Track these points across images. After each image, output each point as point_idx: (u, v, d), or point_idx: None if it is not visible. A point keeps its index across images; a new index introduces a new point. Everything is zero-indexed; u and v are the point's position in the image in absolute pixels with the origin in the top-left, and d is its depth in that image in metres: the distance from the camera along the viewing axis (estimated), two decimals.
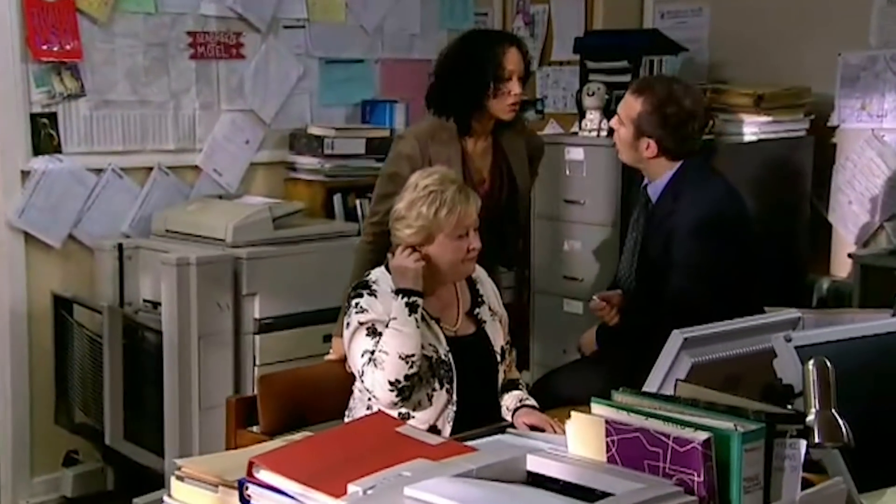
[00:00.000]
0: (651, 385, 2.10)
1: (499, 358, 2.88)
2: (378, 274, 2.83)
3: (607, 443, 1.73)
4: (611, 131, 3.62)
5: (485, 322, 2.90)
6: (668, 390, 2.06)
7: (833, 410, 1.78)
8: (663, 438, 1.67)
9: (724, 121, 4.33)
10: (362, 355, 2.69)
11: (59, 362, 3.98)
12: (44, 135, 3.96)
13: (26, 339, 3.98)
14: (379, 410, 2.59)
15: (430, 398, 2.74)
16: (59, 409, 4.00)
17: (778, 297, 3.79)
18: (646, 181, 3.30)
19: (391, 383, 2.63)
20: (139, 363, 3.84)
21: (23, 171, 3.93)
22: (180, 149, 4.30)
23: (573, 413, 1.78)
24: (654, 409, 1.77)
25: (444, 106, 3.39)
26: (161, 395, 3.75)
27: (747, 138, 4.29)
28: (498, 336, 2.90)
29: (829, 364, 1.80)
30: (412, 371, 2.65)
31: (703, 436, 1.64)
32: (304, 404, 2.92)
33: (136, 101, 4.17)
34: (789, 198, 4.45)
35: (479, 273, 2.98)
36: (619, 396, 1.88)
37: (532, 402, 2.83)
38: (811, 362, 1.81)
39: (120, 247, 4.00)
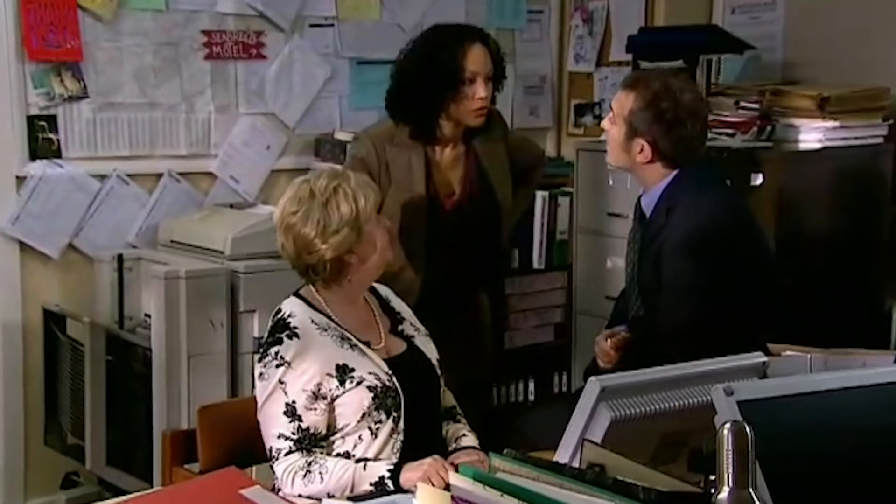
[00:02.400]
0: (566, 446, 1.72)
1: (437, 372, 2.57)
2: (293, 307, 2.50)
3: None
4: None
5: (412, 337, 2.60)
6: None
7: (751, 490, 1.38)
8: None
9: (784, 126, 3.87)
10: (278, 437, 2.37)
11: (48, 381, 3.76)
12: (42, 138, 3.76)
13: (20, 355, 3.77)
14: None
15: (374, 432, 2.41)
16: (50, 429, 3.78)
17: (847, 329, 3.35)
18: (641, 191, 2.90)
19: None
20: (128, 383, 3.59)
21: (18, 177, 3.72)
22: (193, 154, 4.05)
23: (419, 484, 1.44)
24: (521, 483, 1.40)
25: (402, 112, 3.06)
26: (150, 418, 3.50)
27: (810, 146, 3.82)
28: (430, 349, 2.59)
29: (748, 431, 1.39)
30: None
31: None
32: (250, 440, 2.58)
33: (144, 104, 3.93)
34: (863, 214, 3.95)
35: (387, 292, 2.68)
36: (497, 461, 1.52)
37: (471, 439, 2.51)
38: (726, 427, 1.41)
39: (120, 258, 3.76)
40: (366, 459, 2.37)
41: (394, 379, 2.44)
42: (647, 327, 2.81)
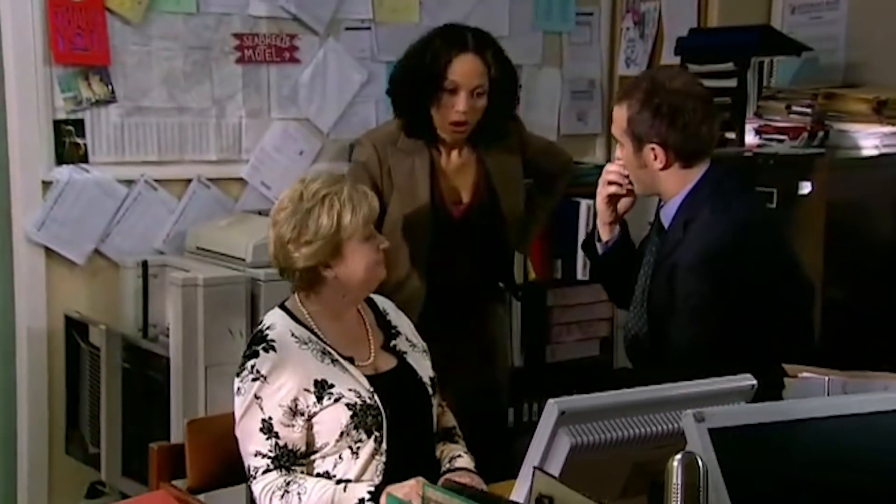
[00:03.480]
0: (524, 475, 1.57)
1: (430, 390, 2.41)
2: (274, 319, 2.39)
3: None
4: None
5: (405, 353, 2.45)
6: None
7: None
8: None
9: (838, 132, 3.64)
10: (255, 454, 2.27)
11: (70, 389, 3.70)
12: (69, 143, 3.70)
13: (45, 362, 3.72)
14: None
15: (354, 451, 2.27)
16: (72, 438, 3.71)
17: None
18: (660, 202, 2.71)
19: None
20: (146, 392, 3.51)
21: (44, 182, 3.67)
22: (223, 160, 3.96)
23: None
24: None
25: (396, 107, 2.94)
26: (167, 429, 3.42)
27: (865, 152, 3.58)
28: (423, 366, 2.44)
29: (700, 463, 1.23)
30: None
31: None
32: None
33: (173, 108, 3.86)
34: None
35: (386, 304, 2.54)
36: (429, 492, 1.38)
37: (465, 461, 2.36)
38: (676, 459, 1.25)
39: (144, 264, 3.69)
40: (347, 481, 2.24)
41: (375, 397, 2.30)
42: (649, 348, 2.63)
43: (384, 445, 2.29)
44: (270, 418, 2.28)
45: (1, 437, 3.77)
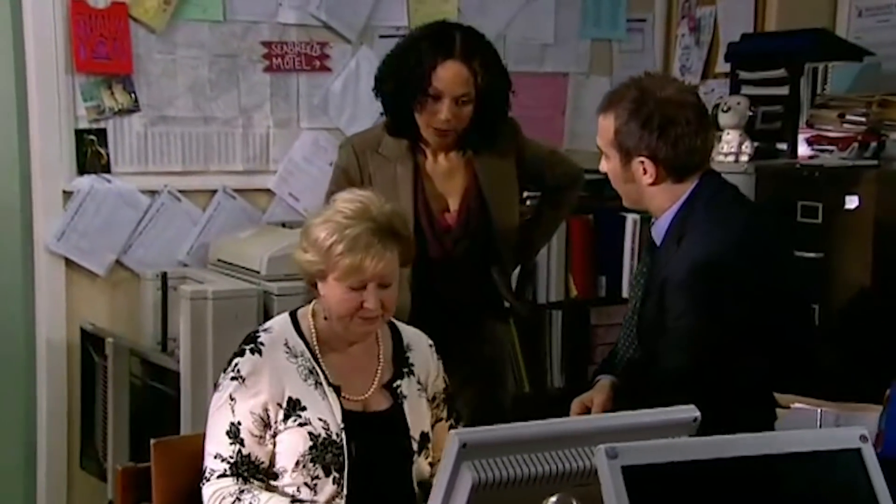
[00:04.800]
0: None
1: (415, 446, 2.21)
2: (276, 323, 2.26)
3: None
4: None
5: (405, 397, 2.25)
6: None
7: None
8: None
9: (894, 142, 3.37)
10: (215, 456, 2.15)
11: (85, 403, 3.63)
12: (90, 153, 3.65)
13: (64, 375, 3.67)
14: None
15: (312, 488, 2.12)
16: (87, 453, 3.65)
17: None
18: (652, 220, 2.51)
19: None
20: (156, 407, 3.42)
21: (65, 192, 3.63)
22: (250, 170, 3.88)
23: None
24: None
25: (382, 102, 2.78)
26: None
27: None
28: (420, 418, 2.25)
29: None
30: None
31: None
32: None
33: (198, 118, 3.79)
34: None
35: (414, 339, 2.34)
36: None
37: None
38: (550, 501, 1.08)
39: (164, 276, 3.61)
40: (301, 501, 2.09)
41: (343, 435, 2.14)
42: (641, 375, 2.42)
43: (345, 491, 2.12)
44: (239, 423, 2.16)
45: (21, 451, 3.73)
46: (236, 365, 2.21)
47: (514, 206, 2.88)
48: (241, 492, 2.10)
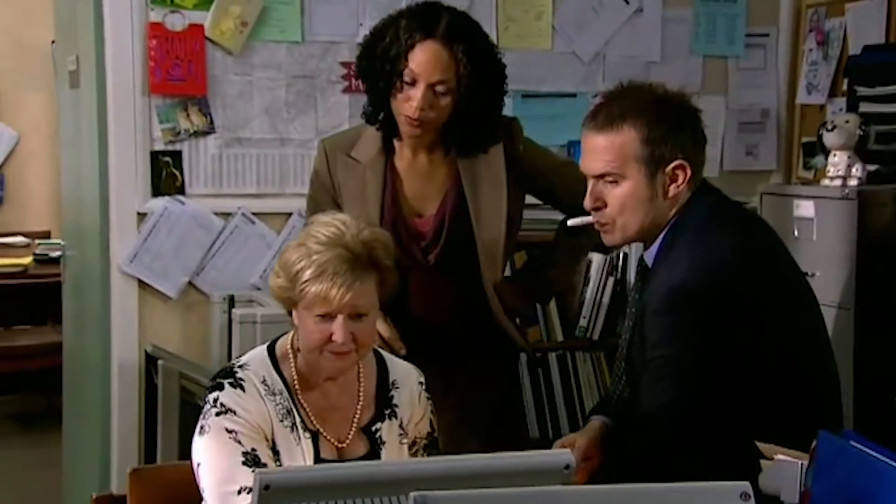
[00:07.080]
0: None
1: None
2: (251, 358, 2.13)
3: None
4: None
5: (383, 444, 2.09)
6: None
7: None
8: None
9: None
10: (239, 492, 1.96)
11: (148, 428, 3.61)
12: (165, 174, 3.66)
13: (136, 397, 3.66)
14: None
15: None
16: None
17: None
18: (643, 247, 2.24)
19: None
20: None
21: (139, 213, 3.64)
22: None
23: None
24: None
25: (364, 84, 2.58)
26: None
27: None
28: None
29: None
30: None
31: None
32: None
33: (274, 140, 3.73)
34: None
35: (402, 377, 2.17)
36: None
37: None
38: None
39: (231, 299, 3.56)
40: None
41: None
42: (624, 414, 2.14)
43: None
44: (254, 450, 2.01)
45: (98, 472, 3.75)
46: (217, 399, 2.07)
47: (501, 216, 2.57)
48: None
